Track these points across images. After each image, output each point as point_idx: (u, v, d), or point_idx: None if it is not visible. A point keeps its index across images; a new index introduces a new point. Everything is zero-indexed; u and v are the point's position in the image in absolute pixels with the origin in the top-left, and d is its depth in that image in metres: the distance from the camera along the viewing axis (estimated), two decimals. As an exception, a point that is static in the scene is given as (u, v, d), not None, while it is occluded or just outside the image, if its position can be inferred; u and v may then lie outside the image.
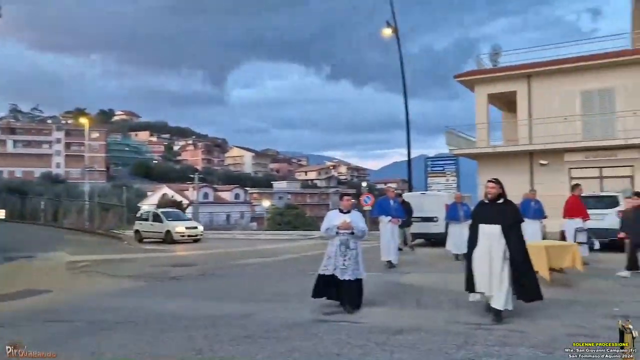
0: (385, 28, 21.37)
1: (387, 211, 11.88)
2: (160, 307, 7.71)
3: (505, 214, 6.24)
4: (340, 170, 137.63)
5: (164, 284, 10.34)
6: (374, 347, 5.20)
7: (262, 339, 5.65)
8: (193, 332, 5.95)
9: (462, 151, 23.86)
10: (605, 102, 21.01)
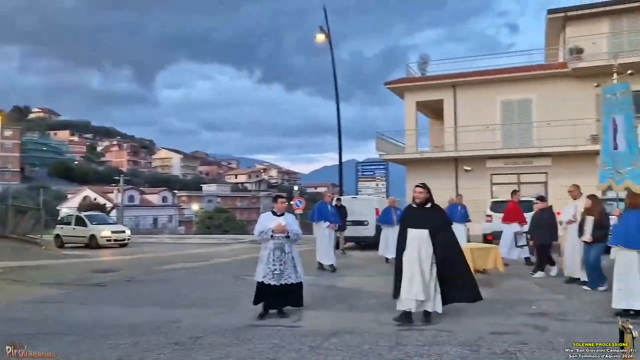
0: (319, 33, 21.54)
1: (326, 216, 11.90)
2: (83, 316, 7.33)
3: (433, 218, 6.33)
4: (271, 174, 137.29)
5: (86, 291, 9.83)
6: (308, 350, 5.21)
7: (193, 345, 5.50)
8: (118, 341, 5.70)
9: (392, 156, 24.47)
10: (523, 112, 22.31)
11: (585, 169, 19.81)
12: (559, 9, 22.13)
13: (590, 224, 8.14)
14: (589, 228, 8.14)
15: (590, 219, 8.16)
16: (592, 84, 19.85)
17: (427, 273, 6.11)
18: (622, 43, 20.81)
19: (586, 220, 8.27)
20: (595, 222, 8.08)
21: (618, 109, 7.86)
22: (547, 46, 24.78)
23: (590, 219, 8.18)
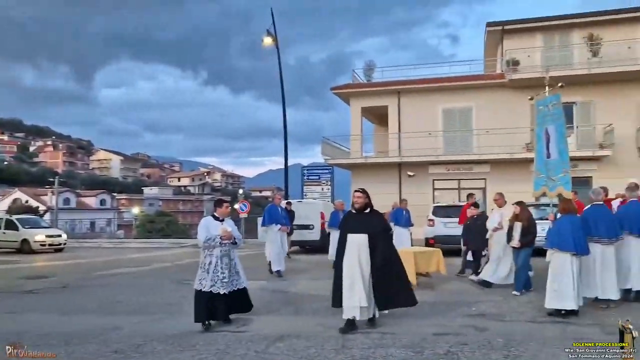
0: (266, 37, 21.47)
1: (277, 219, 11.70)
2: (14, 325, 6.93)
3: (372, 223, 6.29)
4: (215, 177, 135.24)
5: (16, 299, 9.30)
6: (253, 355, 5.16)
7: (134, 353, 5.32)
8: (55, 350, 5.42)
9: (337, 161, 24.69)
10: (464, 120, 23.09)
11: (521, 175, 20.78)
12: (497, 23, 23.12)
13: (518, 230, 8.43)
14: (517, 234, 8.42)
15: (519, 225, 8.44)
16: (527, 94, 20.87)
17: (367, 278, 6.08)
18: (554, 57, 21.96)
19: (514, 226, 8.54)
20: (523, 228, 8.38)
21: (550, 119, 8.27)
22: (486, 57, 25.79)
23: (518, 224, 8.45)
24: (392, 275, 6.22)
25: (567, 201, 7.10)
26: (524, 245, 8.42)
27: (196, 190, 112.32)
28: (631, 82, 20.41)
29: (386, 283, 6.12)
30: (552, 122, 8.16)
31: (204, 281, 6.37)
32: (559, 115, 8.19)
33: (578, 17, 22.27)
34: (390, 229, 6.84)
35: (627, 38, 20.85)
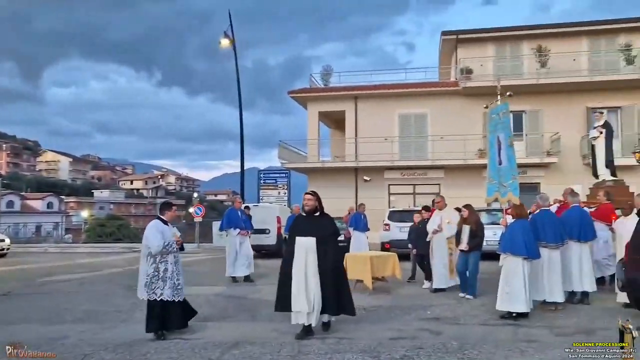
0: (223, 38, 21.22)
1: (236, 223, 11.38)
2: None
3: (321, 226, 6.14)
4: (168, 180, 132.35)
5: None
6: (208, 363, 5.02)
7: (81, 364, 5.08)
8: (-6, 362, 5.12)
9: (294, 165, 24.63)
10: (419, 126, 23.50)
11: (473, 181, 21.36)
12: (451, 32, 23.70)
13: (466, 233, 8.52)
14: (466, 237, 8.52)
15: (467, 228, 8.55)
16: (480, 102, 21.52)
17: (315, 283, 5.91)
18: (506, 67, 22.70)
19: (463, 230, 8.64)
20: (471, 231, 8.48)
21: (501, 127, 8.51)
22: (441, 65, 26.39)
23: (466, 228, 8.57)
24: (343, 281, 6.15)
25: (519, 206, 7.28)
26: (473, 249, 8.49)
27: (149, 193, 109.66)
28: (576, 92, 21.31)
29: (337, 288, 6.00)
30: (502, 130, 8.40)
31: (159, 290, 5.99)
32: (507, 123, 8.46)
33: (527, 29, 23.11)
34: (338, 233, 6.57)
35: (573, 50, 21.77)
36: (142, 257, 6.18)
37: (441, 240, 9.23)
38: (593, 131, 13.04)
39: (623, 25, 22.30)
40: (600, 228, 8.73)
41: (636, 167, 20.85)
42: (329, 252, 6.02)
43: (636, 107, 21.30)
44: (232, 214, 11.58)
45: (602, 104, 21.43)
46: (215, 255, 18.31)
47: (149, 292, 6.01)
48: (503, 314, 6.84)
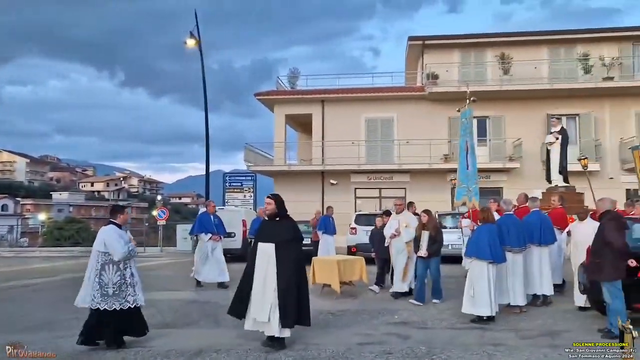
0: (189, 39, 20.82)
1: (209, 227, 10.86)
2: None
3: (281, 231, 5.81)
4: (131, 182, 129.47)
5: None
6: (170, 373, 4.83)
7: (34, 375, 4.82)
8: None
9: (260, 168, 24.40)
10: (385, 130, 23.64)
11: (439, 185, 21.64)
12: (418, 37, 23.95)
13: (425, 239, 8.33)
14: (425, 243, 8.32)
15: (426, 234, 8.35)
16: (445, 107, 21.84)
17: (272, 291, 5.57)
18: (470, 73, 23.07)
19: (422, 235, 8.41)
20: (430, 237, 8.31)
21: (468, 132, 8.63)
22: (407, 70, 26.63)
23: (425, 233, 8.36)
24: (302, 290, 5.77)
25: (486, 211, 7.33)
26: (432, 255, 8.36)
27: (111, 195, 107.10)
28: (537, 99, 21.83)
29: (296, 297, 5.60)
30: (469, 135, 8.52)
31: (131, 297, 5.67)
32: (471, 129, 8.60)
33: (491, 37, 23.56)
34: (301, 238, 6.11)
35: (534, 59, 22.33)
36: (95, 265, 5.70)
37: (400, 244, 8.99)
38: (549, 136, 13.25)
39: (581, 35, 23.02)
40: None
41: (593, 172, 21.55)
42: (288, 259, 5.67)
43: (593, 114, 21.96)
44: (205, 218, 11.06)
45: (561, 111, 22.06)
46: (178, 260, 17.95)
47: (121, 301, 5.64)
48: (472, 318, 6.86)
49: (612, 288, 5.99)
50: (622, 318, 5.91)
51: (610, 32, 23.20)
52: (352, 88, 24.45)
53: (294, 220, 6.12)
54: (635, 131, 21.59)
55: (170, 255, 20.43)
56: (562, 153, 13.07)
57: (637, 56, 22.56)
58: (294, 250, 5.81)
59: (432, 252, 8.33)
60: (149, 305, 8.30)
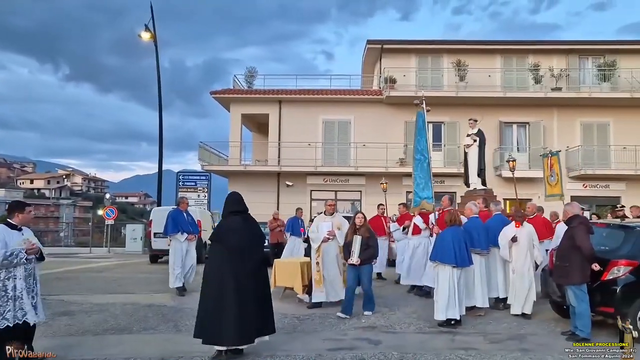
0: (144, 32, 20.12)
1: (184, 226, 9.80)
2: None
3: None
4: (74, 180, 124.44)
5: None
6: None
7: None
8: None
9: (214, 168, 23.84)
10: (342, 133, 23.60)
11: (394, 188, 21.69)
12: (377, 41, 24.05)
13: (357, 245, 7.42)
14: (357, 249, 7.40)
15: (358, 239, 7.43)
16: (402, 111, 22.05)
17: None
18: (427, 78, 23.40)
19: (354, 240, 7.48)
20: (363, 242, 7.42)
21: (423, 134, 8.58)
22: (364, 73, 26.74)
23: (357, 238, 7.44)
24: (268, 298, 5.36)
25: (452, 213, 7.27)
26: (365, 262, 7.46)
27: (52, 194, 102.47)
28: (490, 106, 22.32)
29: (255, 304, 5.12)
30: (423, 137, 8.51)
31: (10, 313, 4.74)
32: (424, 131, 8.60)
33: (448, 44, 24.02)
34: (263, 242, 5.68)
35: (488, 67, 22.90)
36: None
37: (331, 248, 8.04)
38: (467, 139, 12.89)
39: (532, 46, 23.81)
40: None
41: (542, 179, 22.32)
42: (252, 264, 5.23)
43: (542, 123, 22.72)
44: (178, 216, 9.85)
45: (513, 118, 22.75)
46: (127, 261, 17.24)
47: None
48: (440, 322, 6.79)
49: (578, 291, 6.07)
50: (587, 321, 6.02)
51: (559, 44, 24.11)
52: (310, 89, 24.27)
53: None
54: (580, 140, 22.50)
55: (119, 256, 19.60)
56: (480, 155, 12.71)
57: (582, 69, 23.52)
58: (259, 253, 5.50)
59: (365, 259, 7.44)
60: (101, 309, 7.86)
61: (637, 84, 21.74)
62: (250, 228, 5.43)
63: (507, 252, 7.60)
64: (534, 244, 7.63)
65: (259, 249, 5.49)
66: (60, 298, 9.03)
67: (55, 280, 11.45)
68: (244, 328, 4.99)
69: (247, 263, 5.18)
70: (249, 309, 5.04)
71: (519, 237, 7.50)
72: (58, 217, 79.13)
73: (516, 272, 7.51)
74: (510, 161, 12.48)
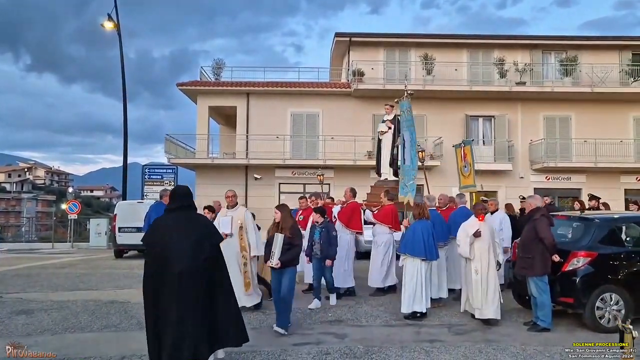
0: (107, 21, 19.57)
1: None
2: None
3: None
4: (37, 174, 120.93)
5: None
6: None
7: None
8: None
9: (181, 161, 23.46)
10: (311, 126, 23.53)
11: (362, 181, 21.75)
12: (345, 34, 24.00)
13: (279, 244, 6.14)
14: (278, 249, 6.12)
15: (280, 237, 6.17)
16: (370, 104, 22.14)
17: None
18: (395, 72, 23.51)
19: (275, 239, 6.22)
20: (285, 241, 6.17)
21: (406, 125, 8.54)
22: (333, 66, 26.69)
23: (279, 237, 6.18)
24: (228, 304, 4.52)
25: (420, 206, 7.30)
26: (287, 265, 6.18)
27: (13, 187, 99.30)
28: (457, 100, 22.64)
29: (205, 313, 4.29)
30: (407, 129, 8.43)
31: None
32: (411, 122, 8.49)
33: (415, 37, 24.11)
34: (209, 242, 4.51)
35: (455, 61, 23.15)
36: None
37: (229, 247, 6.95)
38: (382, 125, 11.64)
39: (497, 41, 24.14)
40: (381, 231, 8.69)
41: (506, 172, 22.81)
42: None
43: (507, 116, 23.13)
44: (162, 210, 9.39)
45: (479, 112, 23.08)
46: (91, 256, 16.84)
47: None
48: (406, 315, 6.84)
49: (540, 282, 6.21)
50: (548, 311, 6.16)
51: (523, 39, 24.51)
52: (278, 82, 24.11)
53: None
54: (543, 133, 23.00)
55: (83, 251, 19.12)
56: (393, 144, 11.35)
57: (546, 63, 24.02)
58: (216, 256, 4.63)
59: (287, 261, 6.15)
60: (61, 307, 7.63)
61: (597, 79, 22.32)
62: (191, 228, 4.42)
63: (467, 248, 6.71)
64: (496, 240, 6.92)
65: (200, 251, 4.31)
66: (19, 296, 8.73)
67: (14, 277, 11.08)
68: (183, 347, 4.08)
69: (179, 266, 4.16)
70: (187, 323, 4.12)
71: (482, 231, 6.68)
72: (19, 212, 76.87)
73: (480, 273, 6.61)
74: (419, 152, 11.84)
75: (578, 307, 6.29)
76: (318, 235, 7.77)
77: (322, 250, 7.67)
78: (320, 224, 7.81)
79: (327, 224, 7.85)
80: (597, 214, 8.00)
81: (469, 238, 6.70)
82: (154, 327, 4.22)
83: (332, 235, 7.73)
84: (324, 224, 7.80)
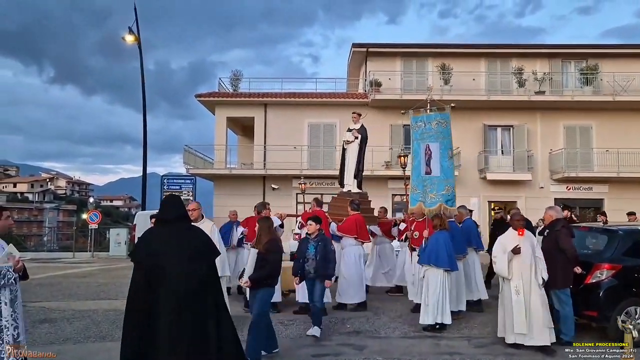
0: (128, 35, 19.94)
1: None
2: None
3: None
4: (58, 184, 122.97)
5: None
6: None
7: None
8: None
9: (199, 171, 23.69)
10: (328, 136, 23.60)
11: (380, 191, 21.75)
12: (362, 44, 24.10)
13: (251, 260, 5.71)
14: (249, 266, 5.70)
15: (254, 253, 5.69)
16: (387, 114, 22.11)
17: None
18: (412, 82, 23.50)
19: (250, 255, 5.88)
20: (259, 258, 5.52)
21: (434, 137, 8.26)
22: (350, 76, 26.78)
23: (254, 252, 5.70)
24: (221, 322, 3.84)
25: (439, 217, 7.27)
26: (260, 284, 5.42)
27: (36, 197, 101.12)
28: (475, 110, 22.50)
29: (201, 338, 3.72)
30: (435, 140, 8.20)
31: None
32: (446, 134, 8.28)
33: (432, 48, 24.12)
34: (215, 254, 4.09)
35: (472, 70, 23.06)
36: None
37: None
38: (348, 134, 11.18)
39: (515, 50, 24.02)
40: (348, 244, 8.58)
41: (525, 182, 22.55)
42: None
43: (526, 126, 22.93)
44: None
45: (497, 122, 22.93)
46: (111, 265, 17.03)
47: None
48: (425, 326, 6.78)
49: (562, 295, 6.10)
50: (571, 325, 6.04)
51: (542, 48, 24.37)
52: (295, 92, 24.27)
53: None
54: (563, 143, 22.72)
55: (103, 261, 19.36)
56: (359, 155, 11.02)
57: (565, 72, 23.79)
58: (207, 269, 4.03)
59: (256, 280, 5.42)
60: (83, 316, 7.73)
61: (619, 87, 22.01)
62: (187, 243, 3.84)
63: (504, 266, 5.99)
64: (537, 255, 6.02)
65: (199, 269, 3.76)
66: (42, 305, 8.87)
67: (37, 287, 11.25)
68: None
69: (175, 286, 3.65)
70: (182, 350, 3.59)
71: (522, 247, 5.96)
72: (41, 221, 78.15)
73: (521, 292, 5.87)
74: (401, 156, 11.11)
75: (602, 320, 6.16)
76: (313, 250, 6.56)
77: (317, 268, 6.46)
78: (315, 236, 6.66)
79: (323, 237, 6.70)
80: (621, 225, 7.87)
81: (506, 255, 5.99)
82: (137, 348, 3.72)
83: (329, 250, 6.57)
84: (319, 237, 6.64)
